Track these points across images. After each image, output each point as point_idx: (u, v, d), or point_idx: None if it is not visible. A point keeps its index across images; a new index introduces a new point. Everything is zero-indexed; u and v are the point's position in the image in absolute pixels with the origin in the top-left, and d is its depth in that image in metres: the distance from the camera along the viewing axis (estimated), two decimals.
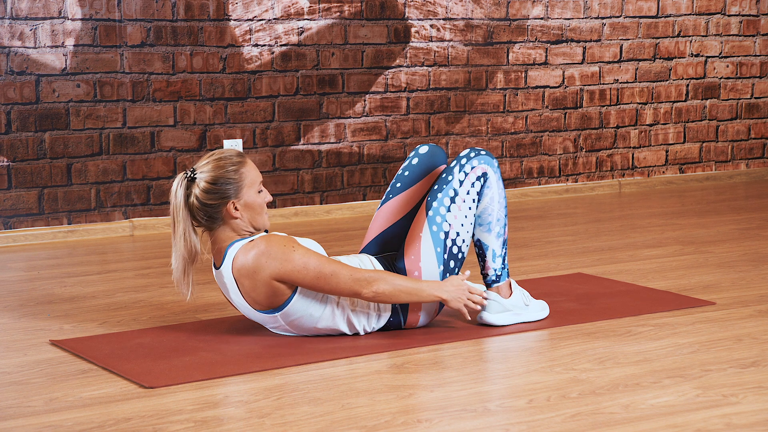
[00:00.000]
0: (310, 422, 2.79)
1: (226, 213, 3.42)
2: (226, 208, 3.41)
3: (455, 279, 3.51)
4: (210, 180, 3.40)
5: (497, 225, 3.63)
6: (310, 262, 3.36)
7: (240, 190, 3.42)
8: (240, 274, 3.40)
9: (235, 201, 3.41)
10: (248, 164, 3.46)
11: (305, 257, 3.37)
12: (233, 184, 3.41)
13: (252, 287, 3.39)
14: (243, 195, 3.42)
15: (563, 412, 2.82)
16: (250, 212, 3.44)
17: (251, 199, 3.44)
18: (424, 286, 3.47)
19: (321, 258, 3.39)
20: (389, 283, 3.41)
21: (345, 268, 3.39)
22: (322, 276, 3.37)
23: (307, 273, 3.36)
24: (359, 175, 6.02)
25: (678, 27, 6.76)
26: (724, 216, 5.71)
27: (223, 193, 3.40)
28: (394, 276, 3.44)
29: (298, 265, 3.36)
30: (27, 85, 5.28)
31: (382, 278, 3.41)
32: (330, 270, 3.37)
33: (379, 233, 3.74)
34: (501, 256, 3.64)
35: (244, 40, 5.67)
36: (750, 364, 3.19)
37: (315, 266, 3.36)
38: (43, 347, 3.52)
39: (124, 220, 5.53)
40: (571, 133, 6.55)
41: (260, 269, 3.36)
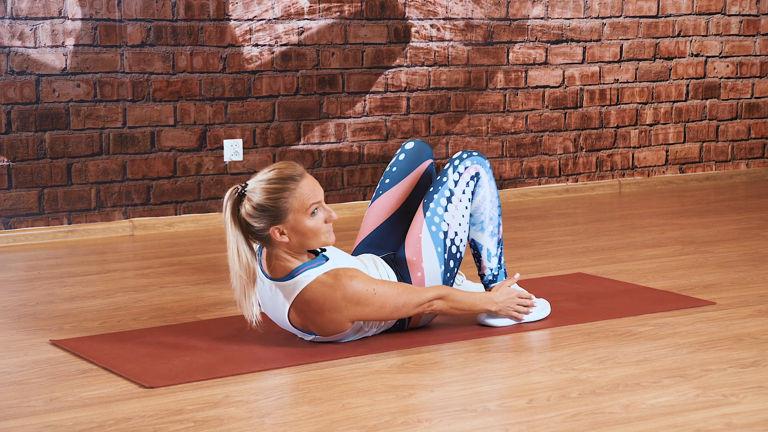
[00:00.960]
0: (310, 422, 2.79)
1: (272, 236, 3.29)
2: (270, 232, 3.29)
3: (504, 288, 3.59)
4: (254, 204, 3.26)
5: (490, 224, 3.65)
6: (387, 301, 3.35)
7: (284, 216, 3.28)
8: (307, 305, 3.32)
9: (280, 227, 3.28)
10: (298, 189, 3.29)
11: (383, 298, 3.34)
12: (274, 211, 3.27)
13: (313, 320, 3.34)
14: (289, 221, 3.28)
15: (563, 412, 2.82)
16: (299, 237, 3.30)
17: (300, 224, 3.29)
18: (477, 301, 3.53)
19: (392, 292, 3.37)
20: (447, 301, 3.47)
21: (414, 296, 3.40)
22: (396, 310, 3.39)
23: (383, 311, 3.37)
24: (359, 175, 6.02)
25: (678, 27, 6.76)
26: (724, 216, 5.71)
27: (264, 219, 3.27)
28: (454, 292, 3.48)
29: (377, 306, 3.34)
30: (27, 84, 5.28)
31: (443, 296, 3.45)
32: (402, 302, 3.38)
33: (372, 230, 3.76)
34: (497, 256, 3.65)
35: (244, 39, 5.67)
36: (750, 364, 3.19)
37: (390, 303, 3.36)
38: (43, 347, 3.52)
39: (124, 220, 5.53)
40: (571, 132, 6.55)
41: (336, 310, 3.31)
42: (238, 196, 3.28)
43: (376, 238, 3.74)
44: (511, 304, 3.58)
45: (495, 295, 3.56)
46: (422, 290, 3.42)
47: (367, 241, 3.74)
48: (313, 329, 3.37)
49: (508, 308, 3.58)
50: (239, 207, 3.28)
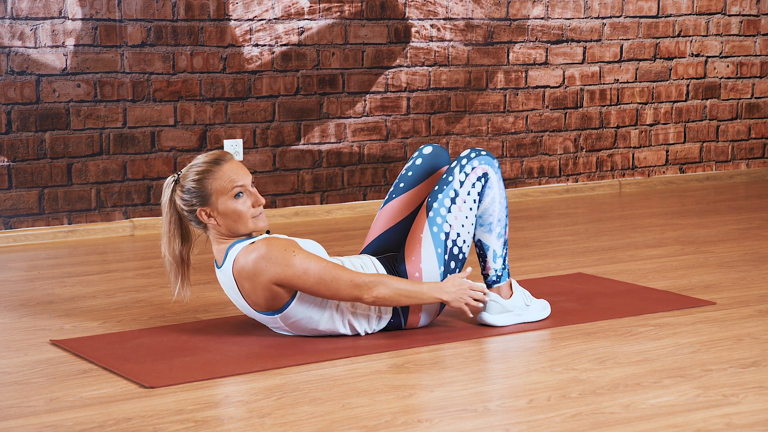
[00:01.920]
0: (310, 422, 2.79)
1: (200, 218, 3.42)
2: (198, 215, 3.42)
3: (455, 279, 3.50)
4: (182, 188, 3.43)
5: (498, 225, 3.63)
6: (310, 267, 3.35)
7: (207, 198, 3.40)
8: (240, 276, 3.39)
9: (204, 209, 3.41)
10: (220, 170, 3.41)
11: (306, 262, 3.35)
12: (196, 193, 3.40)
13: (251, 290, 3.39)
14: (212, 203, 3.40)
15: (563, 412, 2.82)
16: (225, 219, 3.41)
17: (223, 206, 3.40)
18: (424, 288, 3.46)
19: (322, 263, 3.37)
20: (389, 287, 3.40)
21: (345, 273, 3.37)
22: (323, 281, 3.35)
23: (307, 278, 3.35)
24: (359, 175, 6.02)
25: (678, 27, 6.76)
26: (724, 216, 5.71)
27: (190, 202, 3.42)
28: (395, 279, 3.43)
29: (299, 270, 3.34)
30: (27, 85, 5.28)
31: (383, 282, 3.39)
32: (331, 276, 3.35)
33: (381, 233, 3.74)
34: (502, 257, 3.64)
35: (245, 40, 5.67)
36: (750, 364, 3.19)
37: (316, 271, 3.35)
38: (43, 347, 3.52)
39: (124, 220, 5.53)
40: (571, 133, 6.55)
41: (260, 273, 3.35)
42: (174, 182, 3.46)
43: (384, 241, 3.73)
44: (463, 295, 3.49)
45: (445, 285, 3.48)
46: (358, 272, 3.40)
47: (375, 244, 3.73)
48: (257, 302, 3.41)
49: (460, 299, 3.49)
50: (175, 193, 3.45)
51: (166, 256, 3.48)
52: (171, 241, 3.47)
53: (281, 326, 3.48)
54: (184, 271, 3.51)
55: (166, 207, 3.46)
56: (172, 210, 3.46)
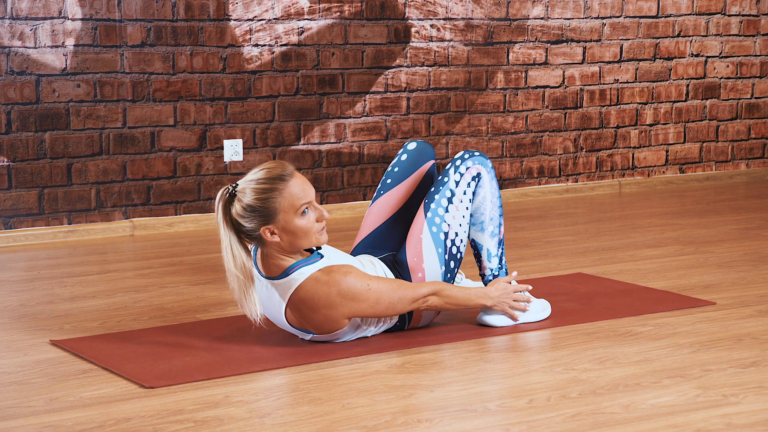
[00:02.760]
0: (310, 422, 2.79)
1: (264, 236, 3.30)
2: (261, 233, 3.29)
3: (500, 283, 3.58)
4: (243, 204, 3.27)
5: (491, 224, 3.64)
6: (382, 296, 3.35)
7: (273, 216, 3.27)
8: (302, 302, 3.32)
9: (271, 227, 3.28)
10: (287, 188, 3.28)
11: (378, 293, 3.34)
12: (264, 211, 3.27)
13: (311, 317, 3.33)
14: (279, 221, 3.28)
15: (563, 412, 2.82)
16: (290, 237, 3.30)
17: (291, 224, 3.29)
18: (471, 296, 3.51)
19: (387, 287, 3.36)
20: (442, 297, 3.45)
21: (408, 291, 3.39)
22: (390, 306, 3.38)
23: (378, 306, 3.36)
24: (359, 175, 6.02)
25: (678, 27, 6.76)
26: (724, 216, 5.71)
27: (254, 219, 3.27)
28: (447, 288, 3.47)
29: (372, 302, 3.34)
30: (27, 85, 5.28)
31: (437, 292, 3.44)
32: (397, 297, 3.37)
33: (372, 230, 3.75)
34: (497, 256, 3.65)
35: (244, 40, 5.67)
36: (750, 364, 3.19)
37: (386, 298, 3.35)
38: (43, 347, 3.52)
39: (124, 220, 5.53)
40: (571, 133, 6.55)
41: (333, 307, 3.31)
42: (228, 196, 3.29)
43: (375, 238, 3.74)
44: (507, 299, 3.58)
45: (490, 290, 3.56)
46: (416, 286, 3.42)
47: (367, 241, 3.74)
48: (309, 327, 3.37)
49: (503, 303, 3.57)
50: (230, 207, 3.29)
51: (233, 274, 3.27)
52: (236, 258, 3.27)
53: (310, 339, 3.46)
54: (252, 286, 3.31)
55: (222, 223, 3.27)
56: (229, 225, 3.29)
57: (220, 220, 3.27)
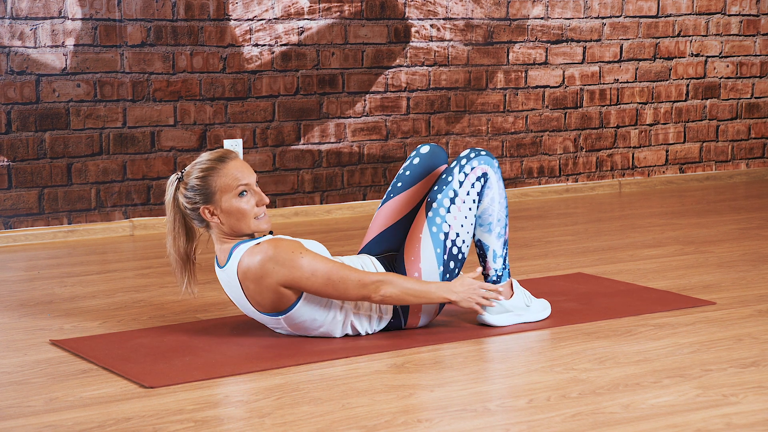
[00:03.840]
0: (310, 422, 2.79)
1: (204, 216, 3.42)
2: (201, 213, 3.41)
3: (464, 278, 3.50)
4: (186, 185, 3.42)
5: (498, 225, 3.63)
6: (318, 268, 3.34)
7: (210, 196, 3.39)
8: (245, 277, 3.38)
9: (208, 207, 3.40)
10: (224, 168, 3.40)
11: (314, 263, 3.34)
12: (200, 191, 3.39)
13: (257, 291, 3.38)
14: (216, 201, 3.39)
15: (563, 412, 2.82)
16: (229, 218, 3.40)
17: (227, 205, 3.39)
18: (432, 288, 3.45)
19: (329, 263, 3.36)
20: (397, 286, 3.39)
21: (353, 273, 3.36)
22: (331, 282, 3.35)
23: (315, 280, 3.34)
24: (359, 175, 6.02)
25: (678, 27, 6.76)
26: (724, 216, 5.71)
27: (193, 199, 3.41)
28: (403, 278, 3.42)
29: (306, 271, 3.33)
30: (27, 84, 5.28)
31: (391, 281, 3.39)
32: (339, 276, 3.35)
33: (380, 233, 3.74)
34: (502, 257, 3.64)
35: (244, 39, 5.68)
36: (750, 363, 3.19)
37: (323, 272, 3.34)
38: (43, 347, 3.52)
39: (124, 220, 5.53)
40: (571, 132, 6.55)
41: (267, 275, 3.34)
42: (177, 180, 3.44)
43: (382, 240, 3.73)
44: (473, 294, 3.48)
45: (453, 285, 3.47)
46: (367, 272, 3.40)
47: (373, 243, 3.73)
48: (262, 304, 3.40)
49: (469, 299, 3.48)
50: (178, 191, 3.44)
51: (172, 254, 3.50)
52: (176, 239, 3.48)
53: (283, 327, 3.48)
54: (190, 268, 3.53)
55: (170, 205, 3.46)
56: (175, 208, 3.46)
57: (168, 201, 3.45)
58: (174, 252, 3.49)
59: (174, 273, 3.53)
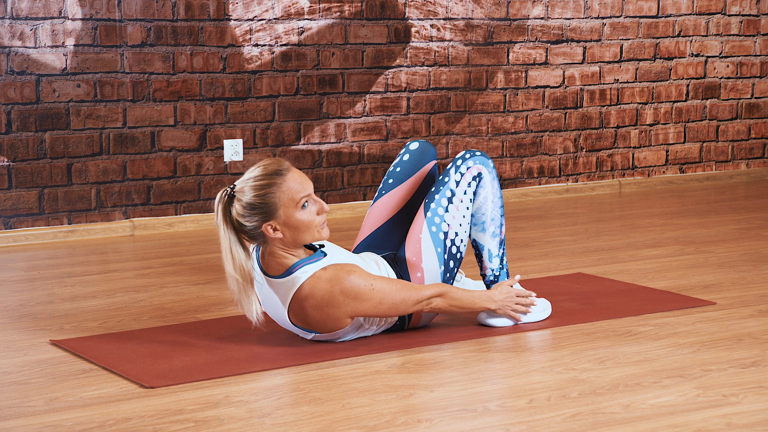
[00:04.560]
0: (310, 422, 2.79)
1: (266, 233, 3.30)
2: (263, 229, 3.30)
3: (504, 287, 3.58)
4: (243, 203, 3.28)
5: (492, 225, 3.64)
6: (385, 296, 3.34)
7: (274, 212, 3.28)
8: (305, 302, 3.31)
9: (272, 222, 3.29)
10: (284, 183, 3.29)
11: (381, 294, 3.34)
12: (264, 207, 3.28)
13: (313, 316, 3.33)
14: (280, 216, 3.29)
15: (563, 412, 2.82)
16: (292, 231, 3.31)
17: (292, 219, 3.30)
18: (476, 299, 3.52)
19: (391, 288, 3.36)
20: (446, 299, 3.46)
21: (412, 293, 3.39)
22: (393, 306, 3.37)
23: (381, 307, 3.35)
24: (359, 175, 6.02)
25: (678, 27, 6.76)
26: (724, 216, 5.71)
27: (255, 216, 3.28)
28: (452, 291, 3.47)
29: (375, 301, 3.33)
30: (27, 85, 5.28)
31: (441, 294, 3.45)
32: (401, 299, 3.37)
33: (373, 230, 3.75)
34: (498, 257, 3.65)
35: (245, 40, 5.67)
36: (750, 364, 3.19)
37: (389, 299, 3.35)
38: (43, 347, 3.52)
39: (124, 220, 5.53)
40: (571, 133, 6.55)
41: (334, 305, 3.30)
42: (228, 197, 3.30)
43: (376, 238, 3.74)
44: (510, 303, 3.58)
45: (494, 294, 3.56)
46: (421, 287, 3.42)
47: (368, 241, 3.74)
48: (312, 326, 3.37)
49: (506, 307, 3.58)
50: (230, 208, 3.30)
51: (233, 277, 3.27)
52: (235, 259, 3.28)
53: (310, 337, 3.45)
54: (251, 287, 3.31)
55: (222, 224, 3.28)
56: (229, 227, 3.29)
57: (219, 221, 3.28)
58: (237, 273, 3.26)
59: (236, 298, 3.30)
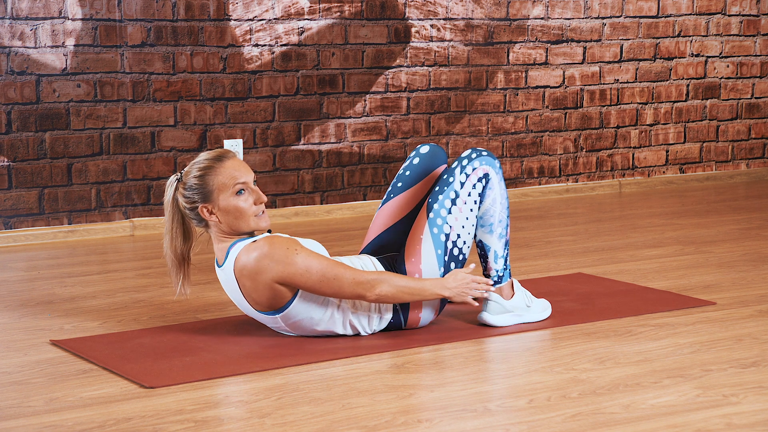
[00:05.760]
0: (310, 422, 2.79)
1: (202, 215, 3.44)
2: (200, 212, 3.43)
3: (457, 273, 3.51)
4: (185, 185, 3.44)
5: (499, 226, 3.63)
6: (312, 265, 3.35)
7: (208, 195, 3.41)
8: (241, 274, 3.39)
9: (206, 206, 3.42)
10: (222, 167, 3.42)
11: (308, 260, 3.35)
12: (198, 190, 3.41)
13: (253, 288, 3.39)
14: (214, 200, 3.41)
15: (563, 412, 2.82)
16: (227, 217, 3.41)
17: (225, 203, 3.41)
18: (426, 285, 3.47)
19: (324, 261, 3.37)
20: (392, 284, 3.41)
21: (348, 271, 3.37)
22: (325, 280, 3.35)
23: (309, 276, 3.35)
24: (359, 175, 6.02)
25: (678, 27, 6.76)
26: (724, 216, 5.71)
27: (191, 198, 3.43)
28: (397, 277, 3.43)
29: (301, 268, 3.34)
30: (27, 85, 5.28)
31: (385, 280, 3.40)
32: (333, 274, 3.36)
33: (380, 233, 3.74)
34: (503, 257, 3.64)
35: (245, 40, 5.68)
36: (750, 364, 3.19)
37: (318, 270, 3.35)
38: (43, 347, 3.52)
39: (124, 220, 5.53)
40: (571, 133, 6.55)
41: (262, 271, 3.35)
42: (176, 181, 3.47)
43: (383, 241, 3.73)
44: (465, 289, 3.50)
45: (447, 281, 3.49)
46: (361, 270, 3.41)
47: (374, 245, 3.73)
48: (257, 301, 3.41)
49: (462, 294, 3.51)
50: (177, 191, 3.47)
51: (168, 255, 3.51)
52: (173, 239, 3.50)
53: (281, 326, 3.48)
54: (185, 269, 3.54)
55: (169, 205, 3.48)
56: (174, 208, 3.48)
57: (167, 202, 3.48)
58: (171, 252, 3.51)
59: (169, 273, 3.55)
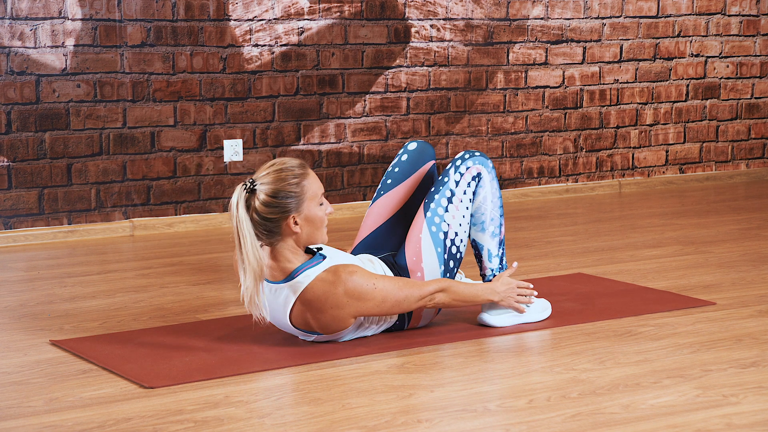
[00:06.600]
0: (310, 422, 2.79)
1: (286, 227, 3.29)
2: (285, 223, 3.28)
3: (504, 278, 3.58)
4: (270, 193, 3.24)
5: (491, 224, 3.64)
6: (388, 294, 3.34)
7: (301, 203, 3.28)
8: (311, 305, 3.31)
9: (295, 215, 3.28)
10: (310, 176, 3.31)
11: (384, 292, 3.33)
12: (294, 198, 3.27)
13: (313, 317, 3.33)
14: (304, 209, 3.29)
15: (563, 412, 2.82)
16: (310, 227, 3.32)
17: (312, 213, 3.31)
18: (479, 291, 3.52)
19: (393, 286, 3.36)
20: (449, 293, 3.45)
21: (414, 289, 3.39)
22: (396, 304, 3.37)
23: (384, 305, 3.35)
24: (359, 175, 6.02)
25: (678, 27, 6.76)
26: (724, 216, 5.71)
27: (283, 207, 3.26)
28: (454, 285, 3.47)
29: (378, 300, 3.33)
30: (27, 85, 5.28)
31: (444, 289, 3.44)
32: (403, 296, 3.37)
33: (372, 231, 3.76)
34: (498, 256, 3.65)
35: (244, 40, 5.68)
36: (750, 364, 3.19)
37: (392, 297, 3.35)
38: (43, 347, 3.52)
39: (124, 220, 5.53)
40: (571, 133, 6.55)
41: (340, 307, 3.30)
42: (248, 192, 3.24)
43: (375, 238, 3.74)
44: (512, 294, 3.58)
45: (496, 285, 3.56)
46: (423, 284, 3.42)
47: (367, 242, 3.74)
48: (315, 328, 3.37)
49: (509, 298, 3.58)
50: (251, 202, 3.25)
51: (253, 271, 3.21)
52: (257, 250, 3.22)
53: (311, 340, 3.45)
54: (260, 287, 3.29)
55: (244, 218, 3.21)
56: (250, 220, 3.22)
57: (242, 215, 3.20)
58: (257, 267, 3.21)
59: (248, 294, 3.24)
